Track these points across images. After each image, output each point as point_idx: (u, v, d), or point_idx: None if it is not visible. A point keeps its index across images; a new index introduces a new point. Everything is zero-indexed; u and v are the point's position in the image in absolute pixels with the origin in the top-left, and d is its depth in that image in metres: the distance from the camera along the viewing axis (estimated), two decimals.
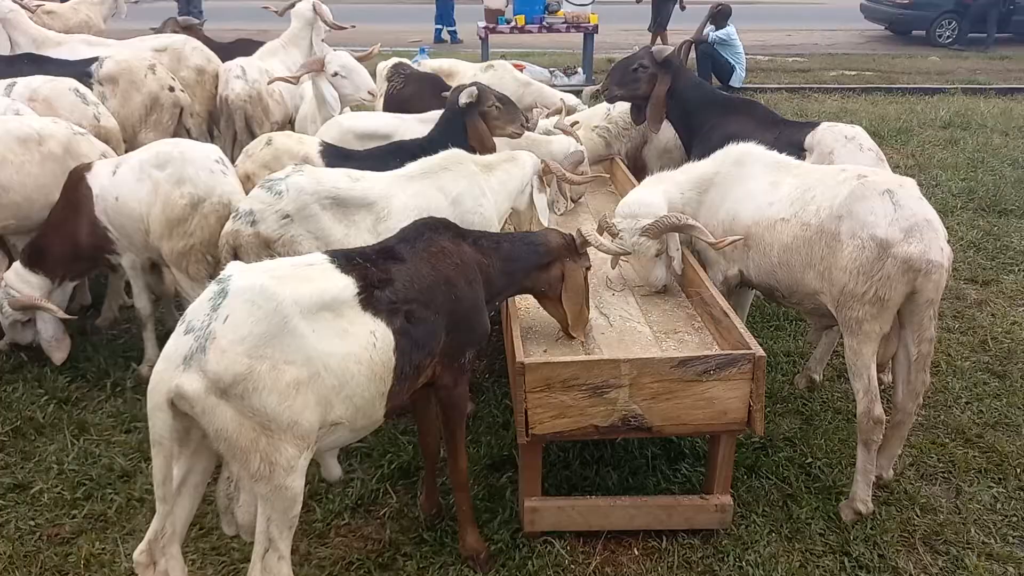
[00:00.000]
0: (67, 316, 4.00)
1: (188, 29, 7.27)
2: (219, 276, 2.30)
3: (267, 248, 3.31)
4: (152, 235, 3.83)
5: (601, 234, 3.60)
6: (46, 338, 3.95)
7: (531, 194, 3.78)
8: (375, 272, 2.53)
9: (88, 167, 3.97)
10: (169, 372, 2.16)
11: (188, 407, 2.16)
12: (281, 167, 3.98)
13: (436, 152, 3.65)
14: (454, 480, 2.99)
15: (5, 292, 3.95)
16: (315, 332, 2.30)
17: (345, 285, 2.44)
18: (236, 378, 2.15)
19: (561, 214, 4.45)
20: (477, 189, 3.56)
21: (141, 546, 2.37)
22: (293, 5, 6.59)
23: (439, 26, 15.21)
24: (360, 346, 2.40)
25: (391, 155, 3.89)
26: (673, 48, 4.86)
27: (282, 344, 2.22)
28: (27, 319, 3.99)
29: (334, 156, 4.01)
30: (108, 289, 4.68)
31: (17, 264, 4.01)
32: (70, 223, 3.93)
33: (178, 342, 2.19)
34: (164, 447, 2.19)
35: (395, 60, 6.25)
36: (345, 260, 2.53)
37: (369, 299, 2.46)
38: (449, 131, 4.06)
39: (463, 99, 4.06)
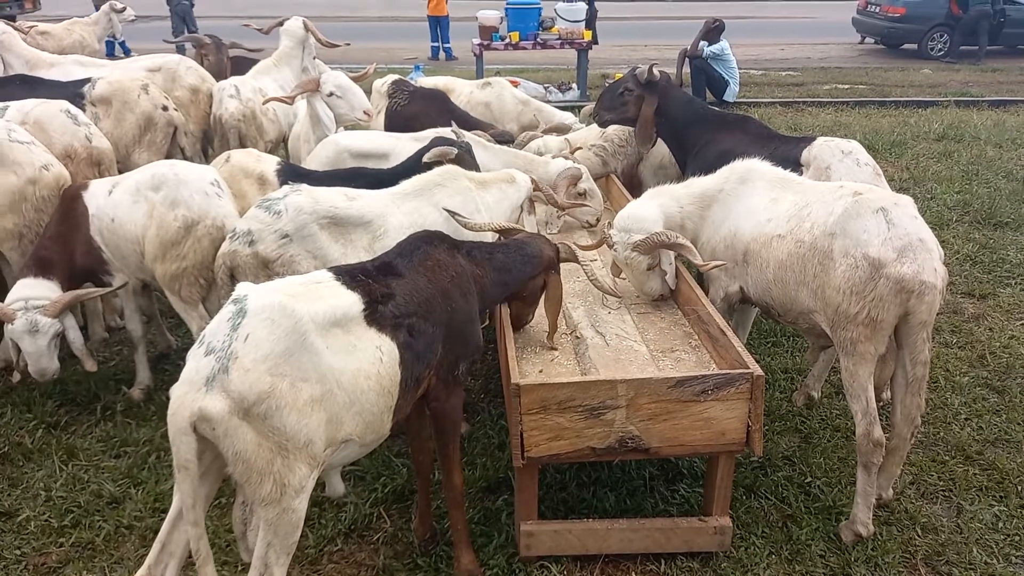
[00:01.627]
0: (118, 286, 3.86)
1: (233, 47, 7.28)
2: (234, 296, 2.29)
3: (265, 268, 3.29)
4: (147, 257, 3.79)
5: (600, 245, 3.63)
6: (79, 346, 3.76)
7: (521, 216, 3.77)
8: (377, 288, 2.56)
9: (85, 186, 3.92)
10: (192, 395, 2.14)
11: (209, 429, 2.15)
12: (237, 185, 4.02)
13: (391, 184, 3.64)
14: (449, 498, 2.95)
15: (30, 307, 3.60)
16: (328, 349, 2.31)
17: (352, 302, 2.45)
18: (260, 396, 2.15)
19: (556, 232, 4.43)
20: (472, 205, 3.55)
21: (141, 571, 2.38)
22: (281, 23, 6.56)
23: (435, 43, 15.27)
24: (368, 361, 2.41)
25: (347, 180, 3.87)
26: (654, 67, 4.85)
27: (300, 362, 2.23)
28: (61, 331, 3.70)
29: (290, 175, 4.01)
30: (87, 310, 4.61)
31: (24, 279, 3.77)
32: (67, 240, 3.85)
33: (199, 364, 2.17)
34: (190, 471, 2.18)
35: (394, 76, 6.22)
36: (349, 277, 2.55)
37: (374, 315, 2.48)
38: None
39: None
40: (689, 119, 4.73)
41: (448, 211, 3.37)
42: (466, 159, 4.04)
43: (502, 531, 3.17)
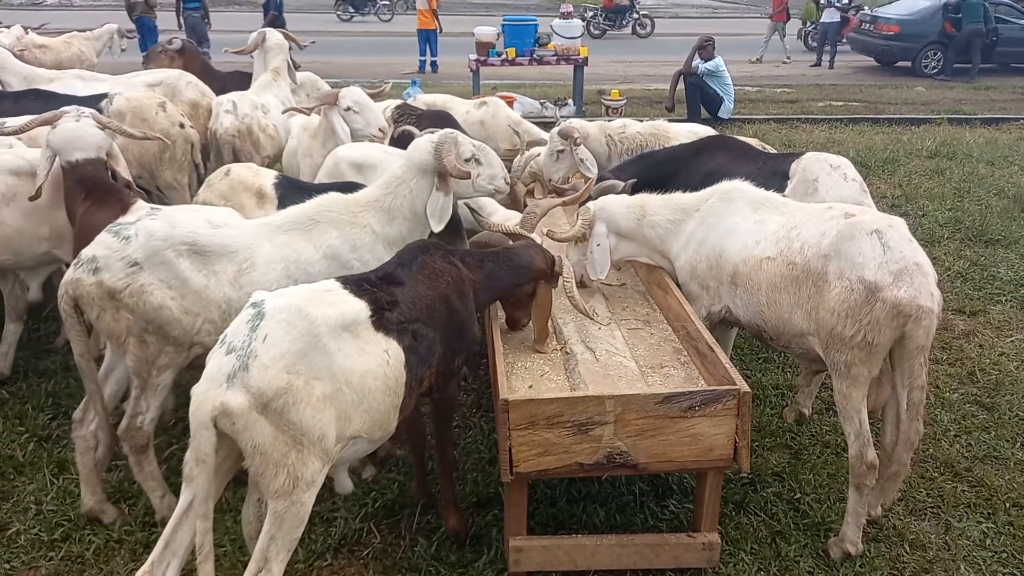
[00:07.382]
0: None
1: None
2: (252, 300, 2.47)
3: (111, 299, 2.94)
4: None
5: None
6: None
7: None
8: (383, 296, 2.72)
9: (133, 201, 3.61)
10: (214, 391, 2.28)
11: (229, 424, 2.28)
12: (236, 198, 3.98)
13: None
14: (441, 469, 3.20)
15: None
16: (340, 351, 2.47)
17: (360, 308, 2.62)
18: (277, 392, 2.30)
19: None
20: (349, 242, 3.29)
21: (144, 567, 2.43)
22: (264, 39, 6.52)
23: (423, 57, 15.41)
24: (376, 363, 2.57)
25: (342, 191, 3.78)
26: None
27: (313, 361, 2.39)
28: None
29: (288, 188, 4.03)
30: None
31: None
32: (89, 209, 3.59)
33: (220, 362, 2.33)
34: (208, 465, 2.29)
35: (396, 102, 6.24)
36: (355, 286, 2.71)
37: (380, 320, 2.64)
38: None
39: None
40: (651, 167, 4.68)
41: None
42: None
43: (491, 546, 3.18)
